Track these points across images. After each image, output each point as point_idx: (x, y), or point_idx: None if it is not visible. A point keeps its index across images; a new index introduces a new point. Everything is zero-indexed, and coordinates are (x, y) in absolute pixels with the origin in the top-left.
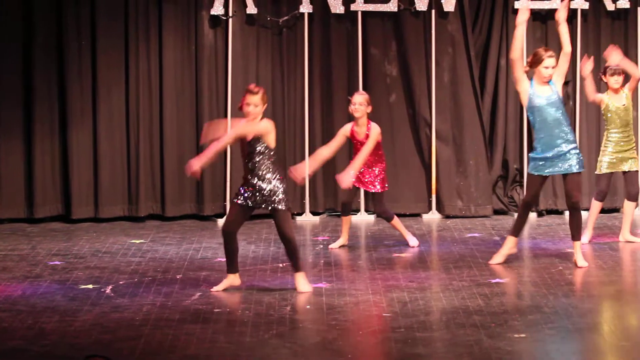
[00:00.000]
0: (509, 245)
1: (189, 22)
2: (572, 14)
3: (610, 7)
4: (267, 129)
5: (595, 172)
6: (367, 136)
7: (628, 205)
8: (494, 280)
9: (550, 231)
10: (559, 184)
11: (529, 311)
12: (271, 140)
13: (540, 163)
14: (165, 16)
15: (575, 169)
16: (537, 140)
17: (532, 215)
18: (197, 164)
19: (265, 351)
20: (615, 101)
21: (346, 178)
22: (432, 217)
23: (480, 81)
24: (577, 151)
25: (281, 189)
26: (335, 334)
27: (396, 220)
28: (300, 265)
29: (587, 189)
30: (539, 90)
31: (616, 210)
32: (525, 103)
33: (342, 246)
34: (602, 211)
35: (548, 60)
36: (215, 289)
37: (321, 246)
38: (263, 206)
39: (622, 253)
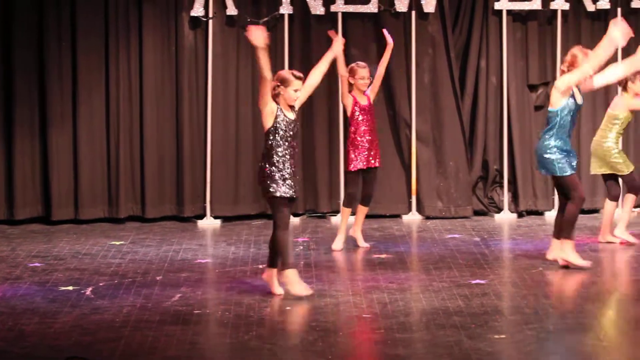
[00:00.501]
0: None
1: (169, 24)
2: (551, 15)
3: (590, 7)
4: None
5: (626, 173)
6: (369, 99)
7: (609, 205)
8: (474, 281)
9: (530, 232)
10: (539, 185)
11: (509, 312)
12: None
13: (572, 158)
14: (145, 18)
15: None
16: (559, 139)
17: (512, 216)
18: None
19: (245, 353)
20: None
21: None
22: (412, 218)
23: (461, 82)
24: None
25: None
26: (315, 335)
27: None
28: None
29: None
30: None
31: (596, 211)
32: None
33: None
34: (582, 212)
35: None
36: (277, 291)
37: (301, 247)
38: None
39: (602, 253)
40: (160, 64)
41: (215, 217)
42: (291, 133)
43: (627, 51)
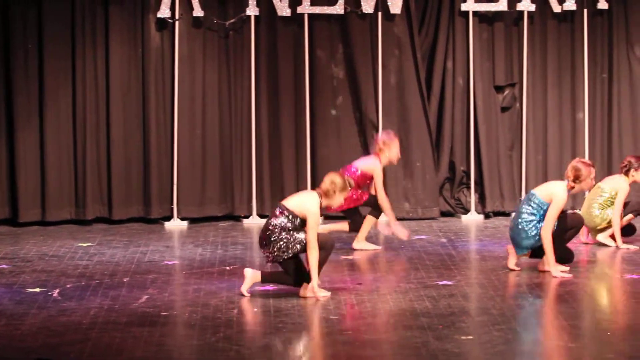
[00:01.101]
0: None
1: (135, 25)
2: (518, 16)
3: (556, 9)
4: None
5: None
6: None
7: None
8: (441, 283)
9: (497, 233)
10: (506, 186)
11: (476, 313)
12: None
13: None
14: (112, 19)
15: None
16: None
17: (479, 217)
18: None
19: (213, 354)
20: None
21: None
22: (380, 219)
23: (427, 83)
24: None
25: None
26: (283, 337)
27: None
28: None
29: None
30: None
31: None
32: None
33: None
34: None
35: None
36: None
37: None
38: None
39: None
40: (126, 66)
41: (182, 219)
42: None
43: (593, 56)
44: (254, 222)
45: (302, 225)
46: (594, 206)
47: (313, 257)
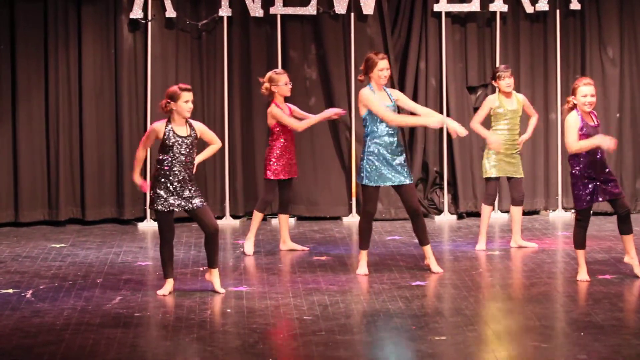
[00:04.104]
0: None
1: (108, 26)
2: (490, 17)
3: (529, 9)
4: None
5: (484, 176)
6: (290, 110)
7: (515, 210)
8: (414, 283)
9: (470, 233)
10: (479, 187)
11: (449, 314)
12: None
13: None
14: (84, 20)
15: (408, 181)
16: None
17: (452, 218)
18: None
19: (186, 355)
20: (506, 104)
21: None
22: (353, 220)
23: (400, 84)
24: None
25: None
26: (256, 337)
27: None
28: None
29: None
30: (380, 97)
31: (537, 212)
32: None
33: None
34: (523, 213)
35: (383, 62)
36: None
37: (241, 249)
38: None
39: (542, 256)
40: (99, 66)
41: (155, 220)
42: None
43: (566, 56)
44: (227, 223)
45: None
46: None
47: None
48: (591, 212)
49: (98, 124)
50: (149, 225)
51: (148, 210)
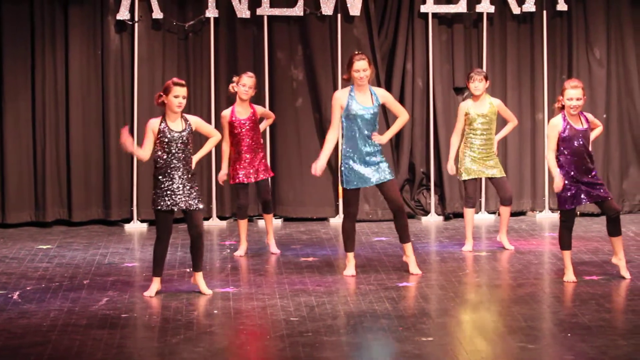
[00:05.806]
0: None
1: (94, 27)
2: (477, 18)
3: (516, 10)
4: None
5: (462, 179)
6: (252, 113)
7: (503, 210)
8: (401, 284)
9: (457, 234)
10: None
11: (436, 314)
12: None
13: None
14: (71, 21)
15: (389, 177)
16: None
17: (439, 219)
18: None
19: (173, 356)
20: (475, 108)
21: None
22: (339, 221)
23: (387, 85)
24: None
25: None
26: (243, 338)
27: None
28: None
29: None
30: (359, 98)
31: (523, 213)
32: (342, 112)
33: (246, 253)
34: (511, 214)
35: (359, 63)
36: (207, 292)
37: (228, 251)
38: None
39: (529, 256)
40: (86, 67)
41: (142, 221)
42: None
43: (553, 57)
44: (214, 224)
45: None
46: None
47: None
48: (577, 213)
49: (85, 125)
50: (135, 227)
51: (135, 211)
